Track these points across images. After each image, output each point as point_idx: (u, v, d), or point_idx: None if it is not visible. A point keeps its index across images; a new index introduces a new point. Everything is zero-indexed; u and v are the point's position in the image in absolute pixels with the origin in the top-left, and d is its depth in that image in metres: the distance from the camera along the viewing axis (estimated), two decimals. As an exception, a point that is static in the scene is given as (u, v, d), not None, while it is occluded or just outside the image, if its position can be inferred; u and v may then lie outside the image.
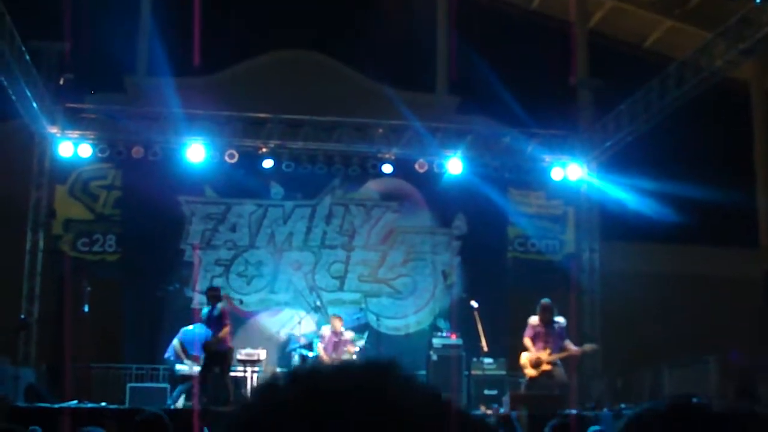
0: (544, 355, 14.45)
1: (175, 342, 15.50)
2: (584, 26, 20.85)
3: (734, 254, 21.12)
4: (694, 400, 1.65)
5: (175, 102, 17.70)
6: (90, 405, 13.73)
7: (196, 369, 14.74)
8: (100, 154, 18.22)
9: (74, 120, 18.06)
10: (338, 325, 15.98)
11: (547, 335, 14.54)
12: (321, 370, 0.98)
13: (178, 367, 15.25)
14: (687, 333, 18.88)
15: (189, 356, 15.25)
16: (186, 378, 14.89)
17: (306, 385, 0.94)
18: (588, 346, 15.44)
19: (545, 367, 14.45)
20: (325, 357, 15.63)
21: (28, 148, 17.94)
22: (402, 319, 18.89)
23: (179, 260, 18.51)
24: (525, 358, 14.61)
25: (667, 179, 18.20)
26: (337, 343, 15.84)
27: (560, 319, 14.79)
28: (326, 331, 16.10)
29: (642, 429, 1.52)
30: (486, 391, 15.77)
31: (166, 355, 15.68)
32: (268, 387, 0.96)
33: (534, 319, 14.70)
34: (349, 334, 16.21)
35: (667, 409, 1.55)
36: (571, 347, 14.77)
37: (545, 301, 14.77)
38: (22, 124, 17.54)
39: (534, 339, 14.63)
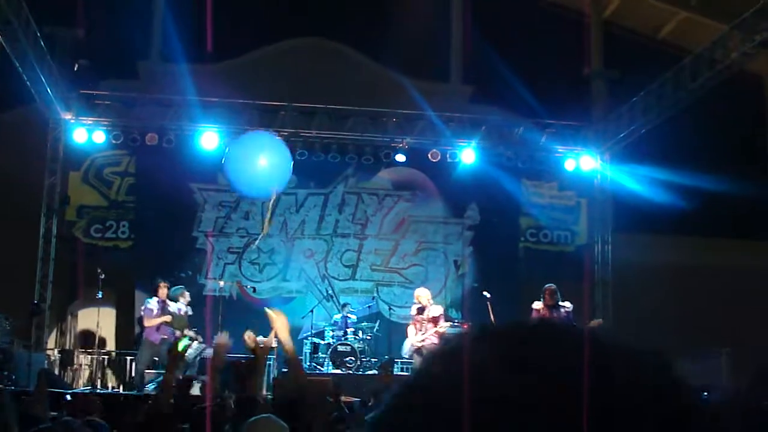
0: (552, 340, 14.42)
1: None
2: (599, 17, 20.76)
3: (748, 246, 21.05)
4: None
5: (189, 89, 17.73)
6: (102, 391, 13.79)
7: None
8: (114, 141, 18.27)
9: (88, 106, 18.09)
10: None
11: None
12: (521, 326, 0.87)
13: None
14: (700, 325, 18.85)
15: None
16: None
17: (508, 344, 0.85)
18: (594, 322, 15.44)
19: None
20: None
21: (42, 134, 17.97)
22: (414, 309, 18.86)
23: (192, 247, 18.56)
24: None
25: (680, 171, 18.15)
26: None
27: (566, 304, 14.74)
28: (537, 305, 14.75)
29: None
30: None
31: None
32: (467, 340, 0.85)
33: (537, 304, 14.64)
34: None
35: None
36: None
37: (549, 285, 14.74)
38: (36, 110, 17.57)
39: None
